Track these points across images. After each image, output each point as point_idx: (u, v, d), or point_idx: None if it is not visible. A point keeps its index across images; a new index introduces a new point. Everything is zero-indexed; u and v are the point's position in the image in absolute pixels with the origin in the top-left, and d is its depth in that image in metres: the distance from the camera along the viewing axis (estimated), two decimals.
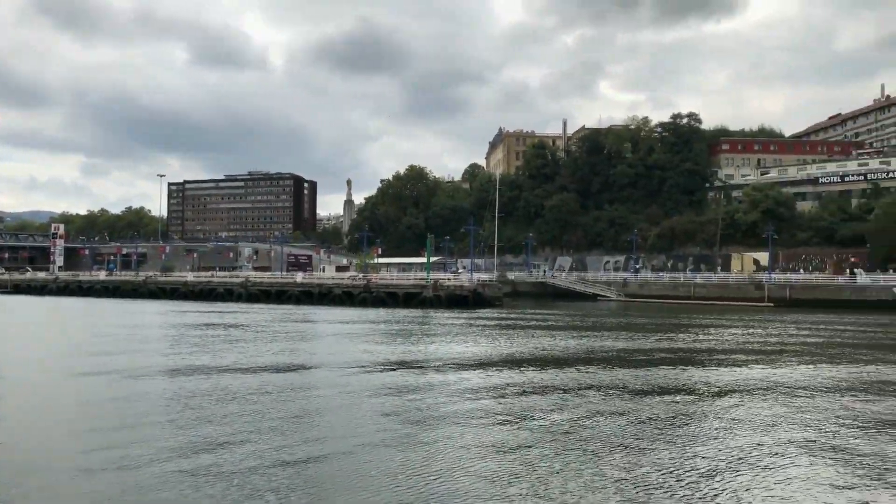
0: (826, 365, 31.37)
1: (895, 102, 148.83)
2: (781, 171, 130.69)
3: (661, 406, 21.43)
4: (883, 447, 16.71)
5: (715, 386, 25.49)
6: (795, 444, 16.94)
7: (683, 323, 57.30)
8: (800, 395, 23.79)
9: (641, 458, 15.40)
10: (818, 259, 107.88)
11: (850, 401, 22.69)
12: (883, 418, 20.01)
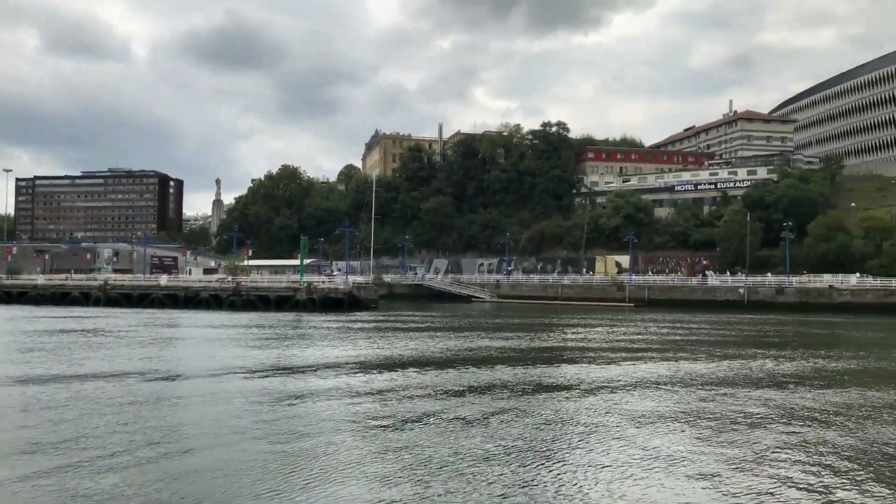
0: (686, 361, 33.51)
1: (741, 117, 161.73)
2: (641, 178, 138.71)
3: (538, 403, 22.07)
4: (737, 436, 18.02)
5: (587, 382, 26.58)
6: (661, 434, 17.93)
7: (553, 323, 59.48)
8: (664, 388, 25.26)
9: (522, 454, 15.76)
10: (674, 262, 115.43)
11: (708, 394, 24.33)
12: (736, 410, 21.58)
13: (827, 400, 23.39)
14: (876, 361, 34.57)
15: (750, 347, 40.22)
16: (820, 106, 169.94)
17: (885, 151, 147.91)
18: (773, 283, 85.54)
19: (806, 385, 26.43)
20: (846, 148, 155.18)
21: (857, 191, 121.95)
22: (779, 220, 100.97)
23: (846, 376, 29.10)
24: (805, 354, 36.67)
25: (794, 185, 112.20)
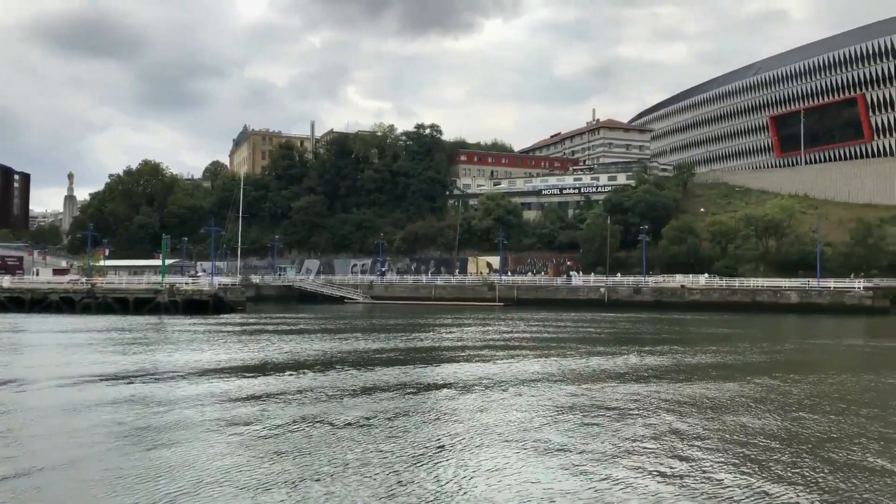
0: (556, 358, 34.79)
1: (603, 126, 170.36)
2: (511, 182, 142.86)
3: (417, 403, 22.13)
4: (605, 427, 18.90)
5: (464, 380, 26.96)
6: (536, 429, 18.49)
7: (428, 323, 60.01)
8: (537, 384, 26.06)
9: (402, 455, 15.73)
10: (541, 262, 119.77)
11: (579, 389, 25.36)
12: (604, 402, 22.63)
13: (686, 392, 25.01)
14: (725, 356, 37.40)
15: (613, 344, 42.38)
16: (674, 117, 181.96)
17: (731, 161, 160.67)
18: (630, 283, 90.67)
19: (666, 378, 28.14)
20: (697, 157, 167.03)
21: (705, 197, 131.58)
22: (636, 223, 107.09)
23: (701, 369, 31.28)
24: (663, 350, 39.08)
25: (650, 191, 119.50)
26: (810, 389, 26.30)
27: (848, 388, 26.78)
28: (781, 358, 37.75)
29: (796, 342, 47.67)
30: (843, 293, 77.08)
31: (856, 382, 28.12)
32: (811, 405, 22.91)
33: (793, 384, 27.33)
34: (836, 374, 30.22)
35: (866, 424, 19.93)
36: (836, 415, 21.27)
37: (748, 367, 33.12)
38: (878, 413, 21.61)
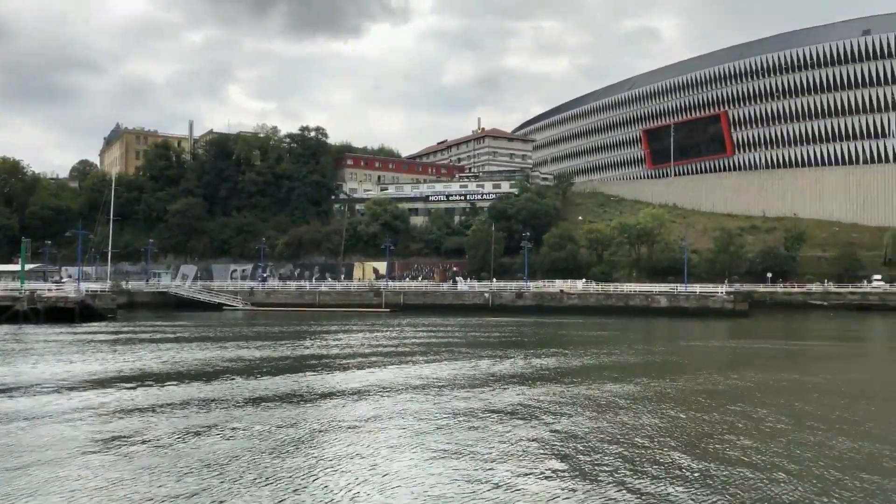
0: (444, 362, 35.02)
1: (488, 135, 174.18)
2: (398, 187, 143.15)
3: (303, 412, 21.59)
4: (494, 430, 19.16)
5: (351, 388, 26.56)
6: (426, 433, 18.48)
7: (313, 330, 58.91)
8: (428, 390, 26.09)
9: (284, 464, 15.28)
10: (428, 268, 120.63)
11: (468, 393, 25.60)
12: (494, 406, 22.96)
13: (570, 393, 25.80)
14: (604, 358, 38.96)
15: (499, 348, 43.20)
16: (555, 128, 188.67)
17: (608, 172, 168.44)
18: (513, 288, 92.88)
19: (551, 381, 28.94)
20: (576, 167, 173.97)
21: (584, 206, 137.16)
22: (519, 230, 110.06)
23: (582, 371, 32.41)
24: (546, 353, 40.21)
25: (533, 199, 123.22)
26: (682, 388, 27.85)
27: (715, 386, 28.57)
28: (655, 359, 39.78)
29: (667, 344, 50.41)
30: (708, 297, 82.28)
31: (722, 381, 30.03)
32: (684, 403, 24.24)
33: (666, 384, 28.84)
34: (704, 374, 32.18)
35: (734, 421, 21.29)
36: (707, 411, 22.61)
37: (625, 368, 34.66)
38: (745, 408, 23.15)
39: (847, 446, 17.87)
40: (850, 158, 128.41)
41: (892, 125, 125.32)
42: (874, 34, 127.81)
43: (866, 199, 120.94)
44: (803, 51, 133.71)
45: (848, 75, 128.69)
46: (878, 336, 60.80)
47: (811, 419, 21.40)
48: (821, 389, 27.92)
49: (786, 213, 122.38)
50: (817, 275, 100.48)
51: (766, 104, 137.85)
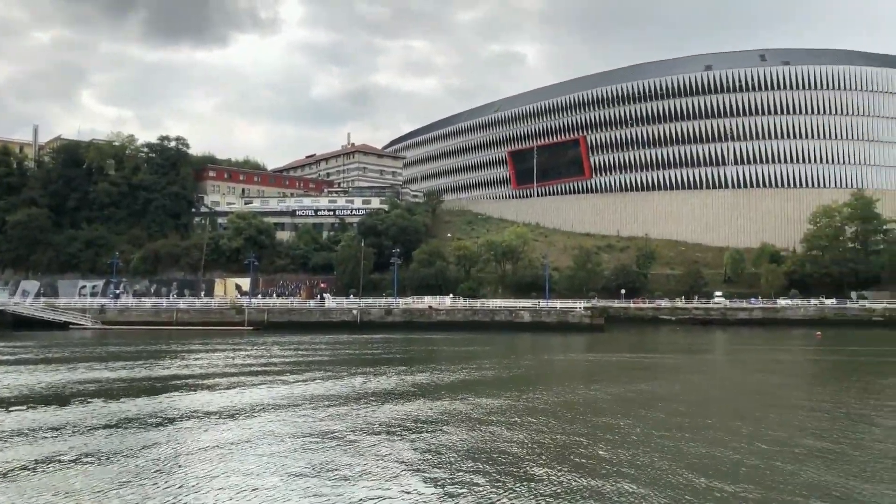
0: (317, 381, 34.13)
1: (358, 150, 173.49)
2: (264, 201, 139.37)
3: (163, 434, 20.29)
4: (366, 448, 18.84)
5: (213, 410, 25.32)
6: (293, 454, 17.86)
7: (170, 349, 55.85)
8: (294, 410, 25.28)
9: (146, 496, 14.27)
10: (294, 284, 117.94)
11: (341, 411, 25.06)
12: (369, 424, 22.60)
13: (441, 408, 25.90)
14: (472, 372, 39.50)
15: (369, 365, 42.76)
16: (425, 146, 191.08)
17: (475, 191, 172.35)
18: (382, 304, 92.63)
19: (423, 396, 28.94)
20: (445, 185, 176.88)
21: (452, 223, 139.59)
22: (389, 246, 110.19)
23: (452, 386, 32.67)
24: (417, 369, 40.24)
25: (402, 216, 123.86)
26: (547, 400, 28.71)
27: (577, 398, 29.69)
28: (521, 373, 40.84)
29: (531, 358, 51.93)
30: (567, 312, 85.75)
31: (583, 393, 31.27)
32: (549, 415, 24.97)
33: (532, 396, 29.63)
34: (566, 386, 33.39)
35: (594, 432, 22.17)
36: (571, 422, 23.43)
37: (493, 382, 35.31)
38: (606, 418, 24.16)
39: (698, 451, 19.06)
40: (695, 183, 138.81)
41: (730, 154, 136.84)
42: (715, 70, 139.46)
43: (709, 222, 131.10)
44: (654, 82, 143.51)
45: (692, 106, 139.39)
46: (719, 348, 65.67)
47: (663, 427, 22.66)
48: (672, 399, 29.69)
49: (638, 234, 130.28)
50: (666, 291, 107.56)
51: (621, 131, 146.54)
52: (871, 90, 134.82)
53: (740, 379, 39.43)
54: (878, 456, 18.94)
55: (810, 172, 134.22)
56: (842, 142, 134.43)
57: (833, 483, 16.11)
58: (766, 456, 18.60)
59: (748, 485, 15.78)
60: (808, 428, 23.03)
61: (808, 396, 31.86)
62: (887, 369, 43.71)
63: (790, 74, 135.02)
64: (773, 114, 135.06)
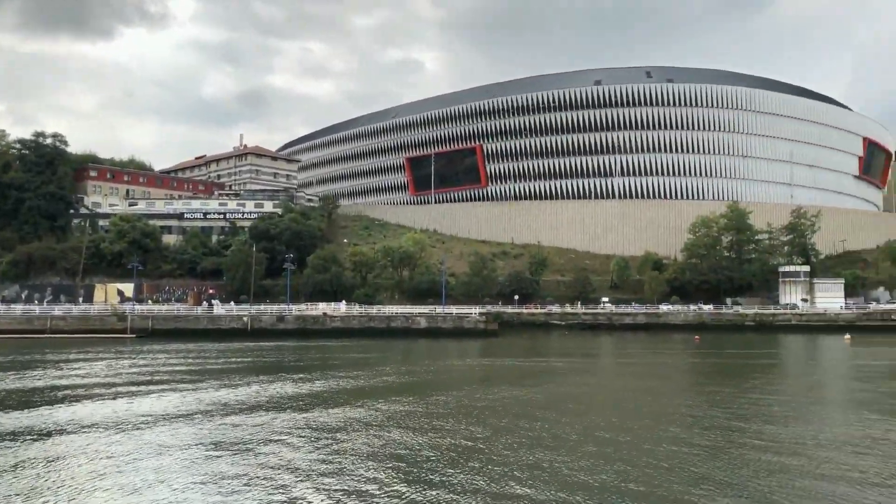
0: (208, 390, 32.76)
1: (251, 152, 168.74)
2: (150, 203, 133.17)
3: (37, 449, 18.86)
4: (257, 456, 18.22)
5: (91, 421, 23.84)
6: (188, 466, 17.04)
7: (45, 359, 52.20)
8: (180, 420, 24.15)
9: None
10: (181, 290, 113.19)
11: (231, 421, 24.14)
12: (260, 434, 21.86)
13: (336, 415, 25.48)
14: (369, 379, 39.16)
15: (259, 373, 41.56)
16: (321, 150, 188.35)
17: (372, 196, 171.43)
18: (275, 311, 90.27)
19: (317, 405, 28.38)
20: (342, 190, 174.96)
21: (349, 228, 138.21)
22: (282, 251, 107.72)
23: (347, 393, 32.23)
24: (311, 377, 39.46)
25: (297, 220, 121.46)
26: (444, 404, 28.83)
27: (471, 401, 29.99)
28: (417, 379, 40.86)
29: (428, 364, 52.09)
30: (463, 318, 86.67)
31: (478, 396, 31.62)
32: (447, 418, 25.06)
33: (429, 401, 29.69)
34: (462, 390, 33.68)
35: (491, 435, 22.43)
36: (468, 426, 23.59)
37: (389, 389, 35.14)
38: (504, 423, 24.50)
39: (592, 450, 19.64)
40: (585, 193, 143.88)
41: (617, 166, 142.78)
42: (605, 85, 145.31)
43: (597, 231, 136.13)
44: (547, 94, 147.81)
45: (583, 119, 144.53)
46: (606, 352, 68.22)
47: (555, 429, 23.23)
48: (562, 402, 30.51)
49: (531, 241, 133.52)
50: (557, 297, 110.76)
51: (516, 141, 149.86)
52: (746, 109, 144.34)
53: (626, 382, 41.08)
54: (758, 451, 20.16)
55: (691, 185, 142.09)
56: (719, 157, 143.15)
57: (716, 477, 16.97)
58: (652, 455, 19.39)
59: (636, 484, 16.38)
60: (683, 430, 24.22)
61: (687, 400, 33.56)
62: (756, 372, 46.74)
63: (674, 92, 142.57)
64: (657, 128, 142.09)
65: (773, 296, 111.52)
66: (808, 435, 23.13)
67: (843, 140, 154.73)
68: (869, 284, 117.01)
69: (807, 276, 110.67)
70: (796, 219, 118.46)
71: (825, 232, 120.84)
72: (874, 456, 20.12)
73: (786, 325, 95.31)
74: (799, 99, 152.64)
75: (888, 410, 28.60)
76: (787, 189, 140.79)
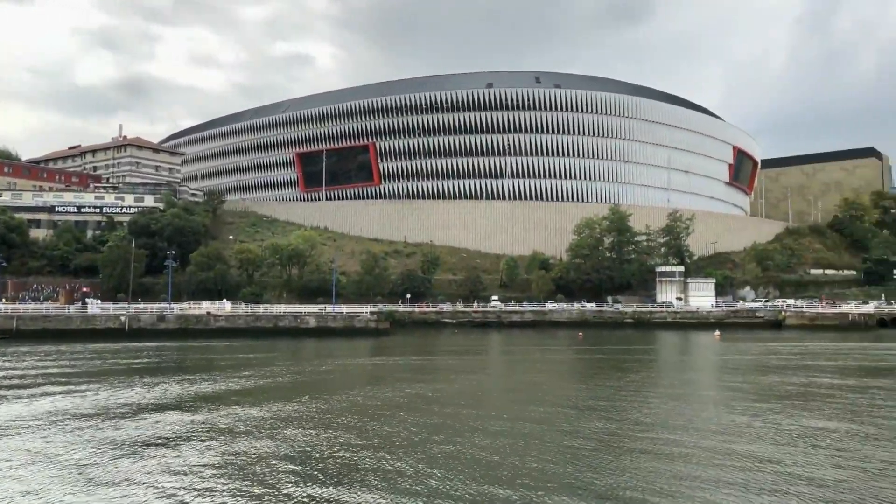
0: (84, 395, 30.75)
1: (131, 144, 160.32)
2: (16, 195, 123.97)
3: None
4: (148, 460, 17.26)
5: None
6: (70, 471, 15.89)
7: None
8: (55, 427, 22.56)
9: None
10: (52, 288, 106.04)
11: (108, 425, 22.76)
12: (140, 438, 20.71)
13: (225, 417, 24.53)
14: (257, 380, 38.01)
15: (139, 375, 39.53)
16: (207, 143, 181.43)
17: (261, 192, 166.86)
18: (155, 310, 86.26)
19: (197, 408, 27.25)
20: (228, 185, 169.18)
21: (235, 225, 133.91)
22: (164, 248, 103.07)
23: (233, 395, 31.13)
24: (193, 378, 37.88)
25: (180, 215, 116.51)
26: (334, 403, 28.42)
27: (360, 400, 29.74)
28: (305, 379, 40.10)
29: (316, 364, 51.23)
30: (354, 317, 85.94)
31: (367, 395, 31.38)
32: (338, 417, 24.69)
33: (316, 401, 29.17)
34: (351, 390, 33.33)
35: (383, 434, 22.29)
36: (357, 424, 23.33)
37: (275, 389, 34.29)
38: (393, 421, 24.39)
39: (481, 443, 19.87)
40: (477, 194, 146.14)
41: (507, 168, 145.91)
42: (496, 88, 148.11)
43: (488, 231, 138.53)
44: (440, 95, 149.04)
45: (475, 121, 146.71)
46: (494, 349, 69.52)
47: (446, 424, 23.37)
48: (451, 398, 30.77)
49: (424, 240, 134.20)
50: (448, 296, 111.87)
51: (409, 140, 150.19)
52: (628, 116, 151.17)
53: (513, 378, 42.00)
54: (637, 442, 21.06)
55: (576, 188, 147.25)
56: (603, 161, 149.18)
57: (601, 466, 17.58)
58: (542, 449, 19.85)
59: (529, 479, 16.71)
60: (569, 422, 25.01)
61: (571, 394, 34.69)
62: (634, 366, 48.98)
63: (561, 97, 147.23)
64: (545, 132, 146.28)
65: (650, 294, 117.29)
66: (681, 424, 24.43)
67: (716, 148, 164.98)
68: (737, 284, 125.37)
69: (681, 276, 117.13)
70: (672, 222, 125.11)
71: (698, 234, 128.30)
72: (742, 442, 21.49)
73: (662, 322, 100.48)
74: (677, 108, 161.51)
75: (753, 400, 30.65)
76: (664, 193, 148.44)
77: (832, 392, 33.54)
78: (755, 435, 22.78)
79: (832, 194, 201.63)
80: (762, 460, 19.16)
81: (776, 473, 17.82)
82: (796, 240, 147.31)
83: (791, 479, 17.25)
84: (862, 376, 41.09)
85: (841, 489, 16.49)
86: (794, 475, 17.64)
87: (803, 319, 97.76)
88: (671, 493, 16.08)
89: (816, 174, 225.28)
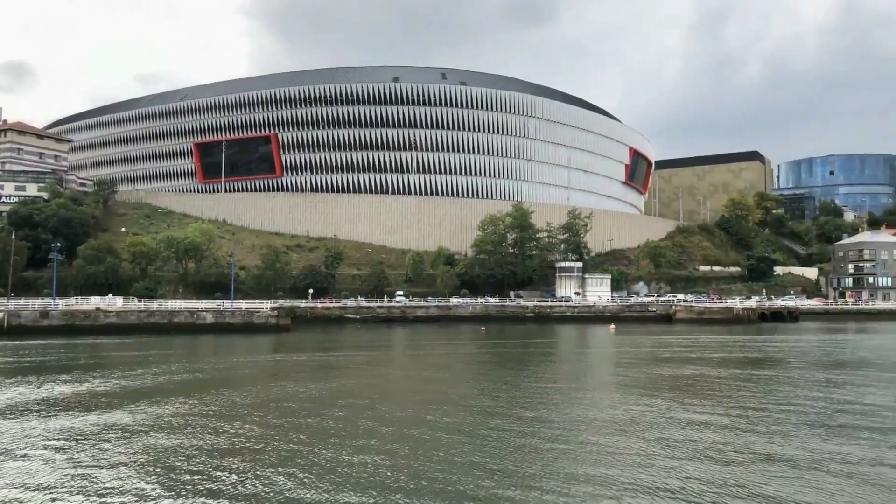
0: None
1: (12, 128, 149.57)
2: None
3: None
4: None
5: None
6: None
7: None
8: None
9: None
10: None
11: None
12: (18, 443, 19.38)
13: (110, 420, 23.31)
14: (146, 379, 36.38)
15: (19, 375, 37.10)
16: (98, 130, 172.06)
17: (155, 182, 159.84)
18: (37, 306, 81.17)
19: (81, 409, 25.86)
20: (120, 174, 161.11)
21: (128, 216, 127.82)
22: (48, 240, 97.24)
23: (116, 395, 29.67)
24: (79, 378, 35.89)
25: (66, 206, 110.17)
26: (228, 403, 27.56)
27: (262, 398, 29.03)
28: (202, 377, 38.77)
29: (213, 361, 49.63)
30: (253, 313, 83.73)
31: (266, 394, 30.64)
32: (231, 417, 23.94)
33: (214, 401, 28.23)
34: (250, 388, 32.46)
35: (275, 433, 21.78)
36: (256, 423, 22.72)
37: (169, 388, 32.95)
38: (294, 420, 23.89)
39: (376, 445, 19.74)
40: (382, 188, 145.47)
41: (413, 163, 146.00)
42: (402, 82, 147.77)
43: (393, 225, 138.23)
44: (345, 87, 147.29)
45: (381, 115, 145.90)
46: (399, 345, 69.50)
47: (342, 422, 23.12)
48: (353, 396, 30.50)
49: (327, 234, 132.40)
50: (353, 291, 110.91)
51: (313, 132, 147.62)
52: (531, 115, 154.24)
53: (416, 373, 42.08)
54: (532, 437, 21.50)
55: (481, 184, 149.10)
56: (507, 159, 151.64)
57: (498, 465, 17.81)
58: (437, 445, 19.94)
59: (426, 480, 16.72)
60: (468, 417, 25.29)
61: (472, 388, 35.10)
62: (534, 359, 50.15)
63: (467, 94, 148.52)
64: (451, 129, 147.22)
65: (550, 289, 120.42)
66: (578, 417, 25.17)
67: (613, 149, 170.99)
68: (631, 279, 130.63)
69: (580, 272, 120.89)
70: (572, 219, 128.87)
71: (596, 232, 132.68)
72: (634, 435, 22.35)
73: (561, 317, 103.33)
74: (577, 109, 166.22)
75: (645, 392, 31.96)
76: (564, 192, 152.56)
77: (718, 383, 35.44)
78: (648, 428, 23.74)
79: (720, 195, 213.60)
80: (646, 454, 19.98)
81: (657, 467, 18.61)
82: (686, 238, 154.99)
83: (673, 473, 18.08)
84: (746, 367, 43.71)
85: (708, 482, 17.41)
86: (676, 469, 18.48)
87: (692, 313, 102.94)
88: (555, 490, 16.51)
89: (706, 175, 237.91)
